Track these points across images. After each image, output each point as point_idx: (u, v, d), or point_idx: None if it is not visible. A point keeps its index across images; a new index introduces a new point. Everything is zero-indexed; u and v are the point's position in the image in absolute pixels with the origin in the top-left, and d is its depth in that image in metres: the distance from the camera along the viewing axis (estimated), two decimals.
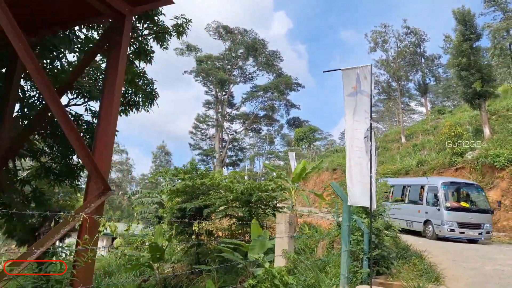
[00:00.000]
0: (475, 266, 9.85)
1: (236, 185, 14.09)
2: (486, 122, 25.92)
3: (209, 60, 62.75)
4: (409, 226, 18.46)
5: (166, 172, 15.75)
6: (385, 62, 42.27)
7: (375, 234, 8.22)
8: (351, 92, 6.70)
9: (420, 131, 39.49)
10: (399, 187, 20.26)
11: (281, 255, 6.41)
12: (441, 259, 10.58)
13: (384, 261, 8.25)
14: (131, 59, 7.83)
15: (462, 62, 26.57)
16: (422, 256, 9.79)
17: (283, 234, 6.32)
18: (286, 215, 6.57)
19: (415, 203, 18.62)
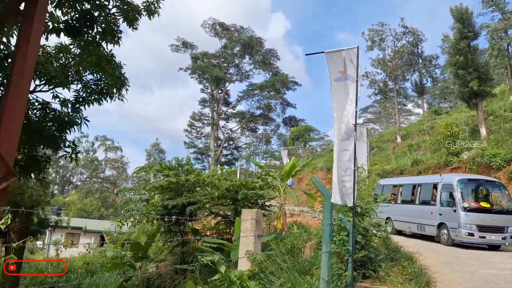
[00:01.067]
0: (469, 270, 9.27)
1: (222, 182, 13.51)
2: (482, 122, 25.40)
3: (205, 58, 62.14)
4: (421, 230, 16.63)
5: (150, 168, 15.11)
6: (382, 61, 41.69)
7: (362, 234, 7.62)
8: (338, 77, 6.10)
9: (416, 131, 38.98)
10: (409, 186, 18.63)
11: (245, 256, 5.78)
12: (433, 262, 9.99)
13: (371, 264, 7.65)
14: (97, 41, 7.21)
15: (459, 61, 26.06)
16: (412, 258, 9.18)
17: (249, 233, 5.66)
18: (253, 211, 5.89)
19: (427, 204, 16.76)
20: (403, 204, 18.21)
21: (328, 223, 5.89)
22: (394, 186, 19.88)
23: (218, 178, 14.23)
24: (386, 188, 19.65)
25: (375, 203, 9.26)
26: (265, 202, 15.16)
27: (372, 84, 43.78)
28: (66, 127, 8.00)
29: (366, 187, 8.80)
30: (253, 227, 5.64)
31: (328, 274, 5.82)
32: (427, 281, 7.42)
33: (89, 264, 19.30)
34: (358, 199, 8.45)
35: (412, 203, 17.69)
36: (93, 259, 20.26)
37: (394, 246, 10.39)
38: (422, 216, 16.57)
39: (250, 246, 5.68)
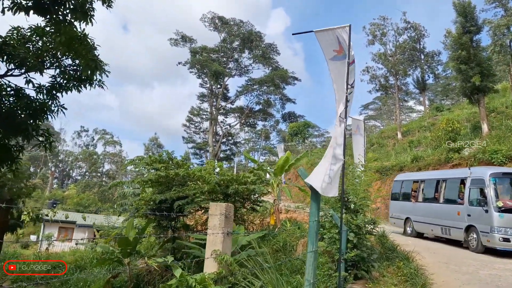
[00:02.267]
0: (468, 271, 8.77)
1: (212, 176, 12.99)
2: (484, 118, 24.85)
3: (204, 52, 61.44)
4: (445, 233, 14.40)
5: (140, 161, 14.58)
6: (383, 56, 41.02)
7: (354, 232, 7.13)
8: (335, 56, 5.55)
9: (417, 128, 38.40)
10: (431, 182, 16.34)
11: (211, 257, 5.22)
12: (431, 262, 9.50)
13: (364, 264, 7.15)
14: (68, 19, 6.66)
15: (461, 55, 25.47)
16: (409, 258, 8.67)
17: (216, 230, 5.06)
18: (222, 205, 5.26)
19: (453, 202, 14.50)
20: (425, 203, 16.22)
21: (314, 219, 5.35)
22: (414, 182, 17.75)
23: (209, 172, 13.70)
24: (406, 184, 18.12)
25: (370, 200, 8.77)
26: (258, 197, 14.64)
27: (373, 79, 43.13)
28: (39, 115, 7.48)
29: (361, 182, 8.29)
30: (221, 223, 5.03)
31: (314, 275, 5.29)
32: (423, 283, 6.92)
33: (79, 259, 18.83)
34: (352, 194, 7.94)
35: (435, 201, 15.54)
36: (83, 254, 19.77)
37: (391, 245, 9.87)
38: (447, 217, 14.35)
39: (218, 245, 5.08)
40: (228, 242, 4.99)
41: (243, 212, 15.71)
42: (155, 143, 72.61)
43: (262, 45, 62.33)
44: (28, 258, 18.85)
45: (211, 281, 4.48)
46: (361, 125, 13.76)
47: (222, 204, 4.99)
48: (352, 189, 8.06)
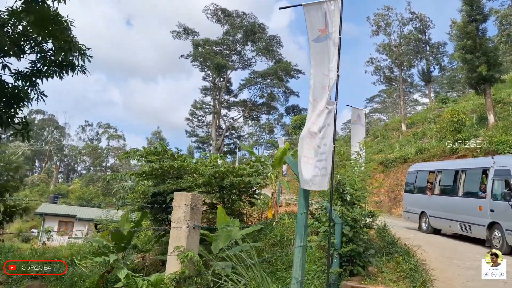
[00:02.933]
0: (473, 266, 8.27)
1: (207, 168, 12.57)
2: (491, 109, 24.19)
3: (206, 44, 60.86)
4: (465, 230, 12.82)
5: (134, 153, 14.18)
6: (387, 47, 40.29)
7: (350, 226, 6.67)
8: (318, 37, 5.06)
9: (422, 119, 37.75)
10: (449, 173, 14.71)
11: (174, 255, 4.70)
12: (434, 256, 9.04)
13: (360, 259, 6.69)
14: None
15: (467, 45, 24.77)
16: (409, 252, 8.20)
17: (181, 223, 4.53)
18: (188, 194, 4.70)
19: (473, 195, 12.87)
20: (442, 196, 14.73)
21: (303, 212, 4.90)
22: (430, 173, 16.22)
23: (205, 164, 13.29)
24: (421, 175, 16.66)
25: (367, 191, 8.30)
26: (255, 190, 14.22)
27: (377, 70, 42.44)
28: (16, 102, 7.06)
29: (358, 173, 7.81)
30: (187, 216, 4.50)
31: (302, 273, 4.84)
32: (423, 280, 6.45)
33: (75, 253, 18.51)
34: (348, 185, 7.48)
35: (453, 194, 13.97)
36: (80, 248, 19.44)
37: (391, 239, 9.40)
38: (467, 212, 12.77)
39: (182, 241, 4.58)
40: (195, 237, 4.48)
41: (241, 205, 15.33)
42: (157, 137, 72.37)
43: (265, 38, 61.66)
44: (24, 253, 18.54)
45: (172, 282, 4.02)
46: (362, 114, 13.29)
47: (188, 194, 4.49)
48: (349, 180, 7.60)
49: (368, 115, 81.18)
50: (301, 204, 5.03)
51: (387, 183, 25.61)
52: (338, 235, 6.55)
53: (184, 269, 4.43)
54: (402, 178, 24.30)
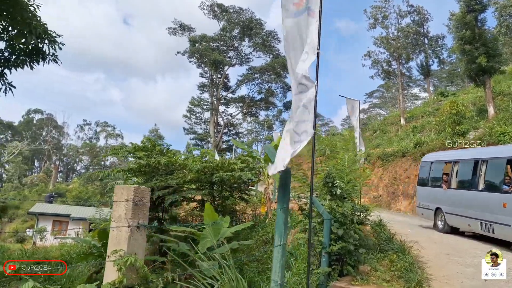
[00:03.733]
0: (473, 263, 7.78)
1: (196, 163, 12.08)
2: (490, 101, 23.68)
3: (203, 41, 60.27)
4: (487, 229, 10.90)
5: (121, 149, 13.66)
6: (385, 40, 39.72)
7: (340, 222, 6.17)
8: (293, 12, 4.53)
9: (421, 113, 37.21)
10: (468, 163, 12.74)
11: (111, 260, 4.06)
12: (431, 253, 8.56)
13: (351, 258, 6.20)
14: None
15: (465, 35, 24.26)
16: (405, 249, 7.70)
17: (121, 222, 3.87)
18: (130, 188, 3.94)
19: (496, 190, 10.96)
20: (459, 190, 12.91)
21: (282, 207, 4.40)
22: (446, 163, 14.39)
23: (193, 159, 12.79)
24: (436, 166, 14.90)
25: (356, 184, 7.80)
26: (247, 186, 13.74)
27: (375, 64, 41.87)
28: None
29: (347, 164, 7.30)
30: (128, 213, 3.85)
31: (281, 275, 4.34)
32: (419, 280, 5.95)
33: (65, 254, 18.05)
34: (337, 178, 6.97)
35: (472, 188, 12.01)
36: (70, 248, 18.97)
37: (386, 235, 8.91)
38: (489, 209, 10.93)
39: (122, 244, 3.90)
40: (140, 239, 3.84)
41: (234, 202, 14.85)
42: (155, 134, 71.76)
43: (263, 33, 61.04)
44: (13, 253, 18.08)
45: None
46: (356, 105, 12.75)
47: (130, 187, 3.87)
48: (338, 172, 7.11)
49: (368, 110, 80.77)
50: (281, 198, 4.53)
51: (385, 177, 25.14)
52: (326, 232, 6.06)
53: (122, 278, 3.83)
54: (401, 172, 23.83)
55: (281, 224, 4.46)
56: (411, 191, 22.26)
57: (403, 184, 23.16)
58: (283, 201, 4.49)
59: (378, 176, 25.99)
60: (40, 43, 6.99)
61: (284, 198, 4.50)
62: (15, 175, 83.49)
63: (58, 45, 7.20)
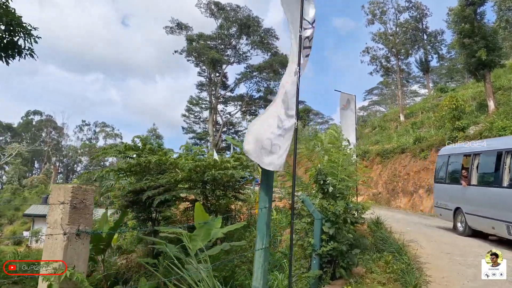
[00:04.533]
0: (474, 263, 7.39)
1: (188, 162, 11.69)
2: (490, 95, 23.28)
3: (201, 39, 59.86)
4: None
5: (111, 149, 13.29)
6: (383, 35, 39.28)
7: (331, 221, 5.79)
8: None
9: (421, 109, 36.80)
10: (490, 155, 11.02)
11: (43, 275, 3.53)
12: (430, 253, 8.17)
13: (343, 259, 5.82)
14: None
15: (465, 29, 23.85)
16: (402, 249, 7.32)
17: (57, 230, 3.26)
18: (67, 188, 3.38)
19: None
20: (481, 187, 11.17)
21: (264, 206, 4.05)
22: (465, 156, 12.59)
23: (186, 158, 12.41)
24: (454, 159, 13.15)
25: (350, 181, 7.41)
26: (242, 185, 13.36)
27: (374, 60, 41.44)
28: None
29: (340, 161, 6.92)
30: (65, 218, 3.29)
31: (264, 281, 3.98)
32: (416, 282, 5.57)
33: None
34: (329, 175, 6.59)
35: (496, 184, 10.32)
36: None
37: (384, 234, 8.53)
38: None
39: (57, 254, 3.38)
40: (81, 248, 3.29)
41: (229, 201, 14.49)
42: (154, 134, 71.38)
43: (260, 31, 60.64)
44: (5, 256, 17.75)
45: None
46: (352, 99, 12.32)
47: (66, 186, 3.38)
48: (330, 168, 6.72)
49: (367, 108, 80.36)
50: (263, 196, 4.17)
51: (384, 174, 24.77)
52: (317, 232, 5.68)
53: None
54: (400, 169, 23.46)
55: (263, 226, 4.10)
56: (410, 188, 21.89)
57: (402, 181, 22.79)
58: (265, 200, 4.13)
59: (378, 173, 25.62)
60: (15, 37, 6.62)
61: (266, 197, 4.14)
62: (14, 176, 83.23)
63: (34, 38, 6.84)
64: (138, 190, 12.15)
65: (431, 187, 19.92)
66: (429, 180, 20.56)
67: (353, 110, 12.16)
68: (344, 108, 12.07)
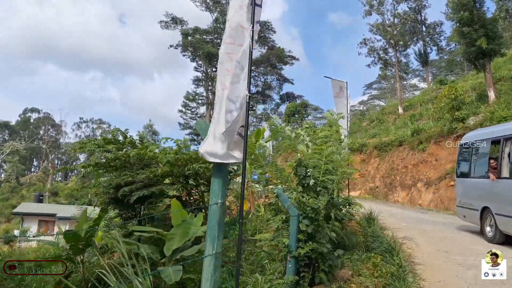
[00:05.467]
0: (475, 263, 6.63)
1: (167, 155, 10.95)
2: (491, 85, 22.48)
3: (196, 33, 58.96)
4: None
5: (89, 142, 12.49)
6: (381, 26, 38.38)
7: (310, 218, 5.03)
8: None
9: (420, 102, 35.99)
10: None
11: None
12: (426, 252, 7.43)
13: (324, 262, 5.05)
14: None
15: (464, 17, 23.01)
16: (394, 248, 6.55)
17: None
18: None
19: None
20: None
21: (217, 201, 3.29)
22: (493, 144, 10.17)
23: (167, 152, 11.66)
24: (480, 148, 10.60)
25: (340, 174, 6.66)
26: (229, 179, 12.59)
27: (371, 52, 40.57)
28: None
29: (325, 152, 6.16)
30: None
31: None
32: None
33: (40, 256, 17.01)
34: (310, 166, 5.83)
35: None
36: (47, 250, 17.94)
37: (375, 231, 7.78)
38: None
39: None
40: None
41: None
42: (150, 130, 70.64)
43: None
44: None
45: None
46: (344, 86, 11.53)
47: None
48: (310, 158, 5.97)
49: (367, 102, 79.61)
50: (215, 190, 3.41)
51: (382, 168, 24.02)
52: (293, 231, 4.93)
53: None
54: (398, 162, 22.71)
55: (214, 226, 3.33)
56: (408, 181, 21.16)
57: (400, 174, 22.04)
58: (217, 195, 3.36)
59: (375, 167, 24.88)
60: None
61: (219, 191, 3.38)
62: (12, 174, 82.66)
63: None
64: (117, 186, 11.42)
65: (430, 181, 19.18)
66: (427, 173, 19.82)
67: (345, 97, 11.38)
68: (338, 96, 11.30)
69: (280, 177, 6.44)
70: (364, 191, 24.10)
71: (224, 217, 3.33)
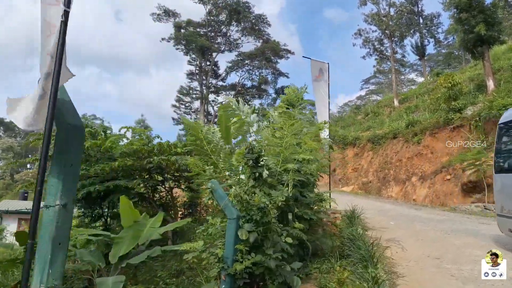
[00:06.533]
0: (473, 273, 5.42)
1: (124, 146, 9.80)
2: (490, 74, 21.27)
3: (189, 26, 57.54)
4: None
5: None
6: (376, 16, 37.11)
7: (255, 221, 3.83)
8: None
9: (416, 94, 34.77)
10: None
11: None
12: (413, 257, 6.24)
13: (273, 280, 3.85)
14: None
15: (461, 2, 21.80)
16: (373, 255, 5.33)
17: None
18: None
19: None
20: None
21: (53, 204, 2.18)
22: None
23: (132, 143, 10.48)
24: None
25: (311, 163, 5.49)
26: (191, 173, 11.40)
27: (366, 43, 39.33)
28: None
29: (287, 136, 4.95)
30: None
31: None
32: None
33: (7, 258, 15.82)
34: (267, 154, 4.62)
35: None
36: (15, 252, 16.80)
37: (354, 233, 6.57)
38: None
39: None
40: None
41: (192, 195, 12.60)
42: (142, 125, 69.12)
43: (251, 17, 58.28)
44: None
45: None
46: (325, 68, 10.28)
47: None
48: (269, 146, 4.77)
49: (364, 97, 78.46)
50: (53, 185, 2.29)
51: (376, 161, 22.83)
52: (229, 239, 3.74)
53: None
54: (392, 155, 21.52)
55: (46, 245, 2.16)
56: (402, 175, 19.99)
57: (394, 168, 20.85)
58: (54, 193, 2.23)
59: (368, 161, 23.70)
60: None
61: (57, 188, 2.26)
62: (6, 171, 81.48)
63: None
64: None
65: (425, 174, 18.02)
66: (422, 166, 18.65)
67: (326, 80, 10.13)
68: (317, 80, 10.03)
69: (229, 168, 5.25)
70: (357, 186, 22.94)
71: (70, 225, 2.13)
